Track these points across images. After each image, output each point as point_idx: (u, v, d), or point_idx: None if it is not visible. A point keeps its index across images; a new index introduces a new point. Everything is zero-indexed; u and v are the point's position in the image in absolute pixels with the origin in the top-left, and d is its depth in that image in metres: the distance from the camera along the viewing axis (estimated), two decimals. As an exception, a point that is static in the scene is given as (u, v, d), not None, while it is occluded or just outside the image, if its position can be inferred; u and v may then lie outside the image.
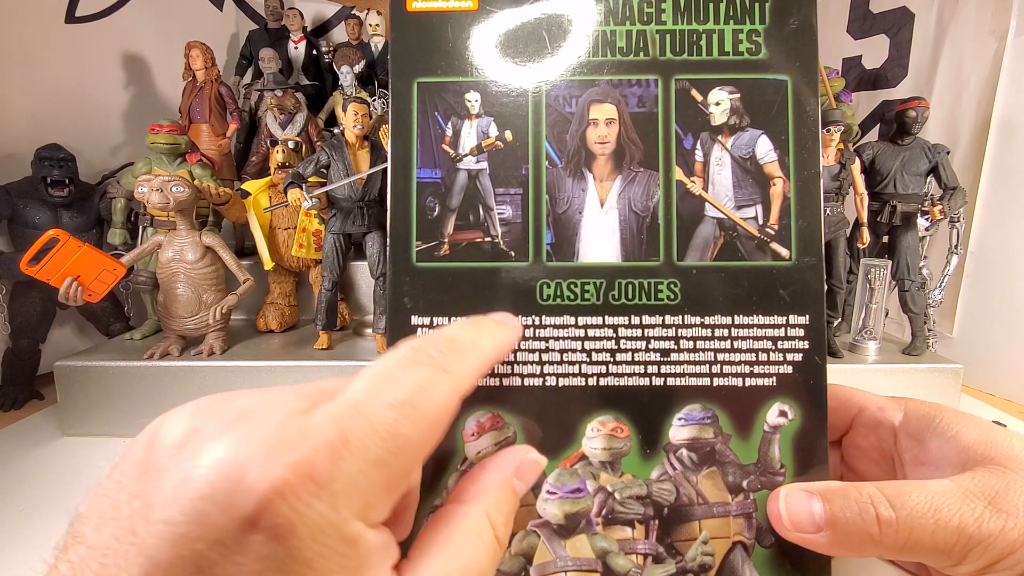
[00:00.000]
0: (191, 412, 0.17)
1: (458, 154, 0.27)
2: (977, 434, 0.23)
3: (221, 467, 0.15)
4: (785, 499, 0.23)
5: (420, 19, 0.27)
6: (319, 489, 0.15)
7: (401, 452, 0.17)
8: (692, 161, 0.27)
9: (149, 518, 0.14)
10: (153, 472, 0.15)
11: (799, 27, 0.27)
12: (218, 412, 0.16)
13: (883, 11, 1.16)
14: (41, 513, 0.55)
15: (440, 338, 0.20)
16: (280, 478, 0.15)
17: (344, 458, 0.16)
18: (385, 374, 0.18)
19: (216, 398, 0.18)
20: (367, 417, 0.16)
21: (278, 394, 0.18)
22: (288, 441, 0.15)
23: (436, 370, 0.18)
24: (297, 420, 0.16)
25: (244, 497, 0.14)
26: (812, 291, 0.26)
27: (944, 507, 0.21)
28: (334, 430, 0.16)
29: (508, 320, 0.23)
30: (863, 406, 0.27)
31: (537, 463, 0.22)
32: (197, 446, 0.15)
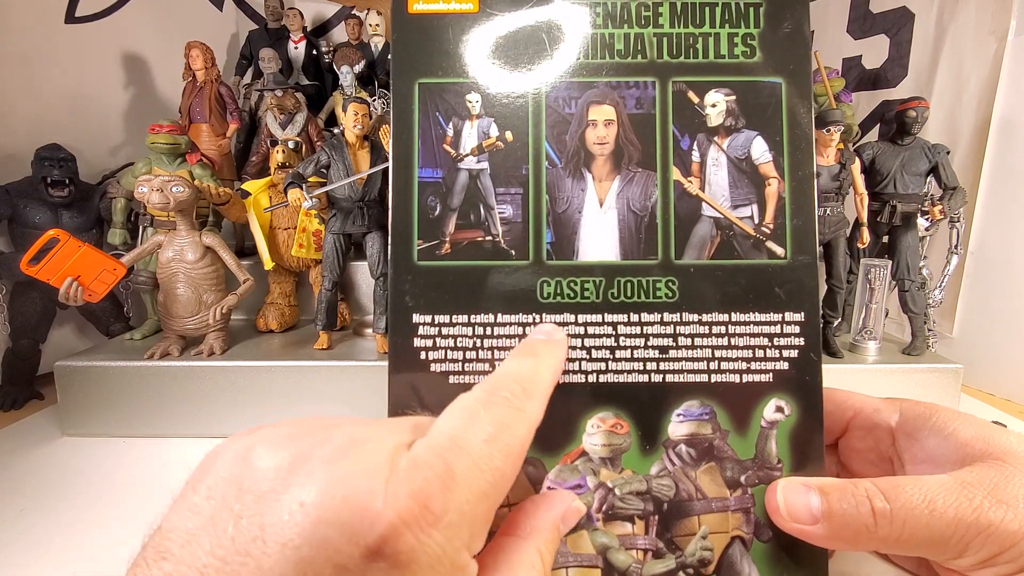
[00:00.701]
0: (289, 436, 0.17)
1: (459, 154, 0.27)
2: (974, 431, 0.23)
3: (343, 493, 0.15)
4: (783, 491, 0.23)
5: (421, 21, 0.27)
6: (436, 520, 0.16)
7: (498, 485, 0.18)
8: (689, 161, 0.27)
9: (265, 539, 0.15)
10: (259, 493, 0.15)
11: (792, 31, 0.27)
12: (324, 439, 0.17)
13: (883, 11, 1.17)
14: (41, 513, 0.55)
15: (508, 380, 0.21)
16: (405, 508, 0.15)
17: (453, 490, 0.16)
18: (471, 412, 0.19)
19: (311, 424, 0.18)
20: (467, 451, 0.17)
21: (379, 426, 0.18)
22: (404, 472, 0.16)
23: (512, 409, 0.20)
24: (404, 452, 0.17)
25: (371, 525, 0.15)
26: (807, 289, 0.26)
27: (939, 498, 0.21)
28: (441, 463, 0.17)
29: (554, 335, 0.24)
30: (858, 409, 0.28)
31: (579, 510, 0.24)
32: (310, 471, 0.16)
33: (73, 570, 0.46)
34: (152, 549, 0.15)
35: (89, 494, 0.58)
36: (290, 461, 0.16)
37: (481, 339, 0.26)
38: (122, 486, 0.60)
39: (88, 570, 0.46)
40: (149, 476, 0.62)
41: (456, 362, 0.26)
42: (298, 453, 0.16)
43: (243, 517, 0.15)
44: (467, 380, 0.26)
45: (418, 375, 0.26)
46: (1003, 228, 0.92)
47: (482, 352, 0.26)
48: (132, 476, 0.62)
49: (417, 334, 0.26)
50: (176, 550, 0.15)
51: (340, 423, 0.18)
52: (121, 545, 0.52)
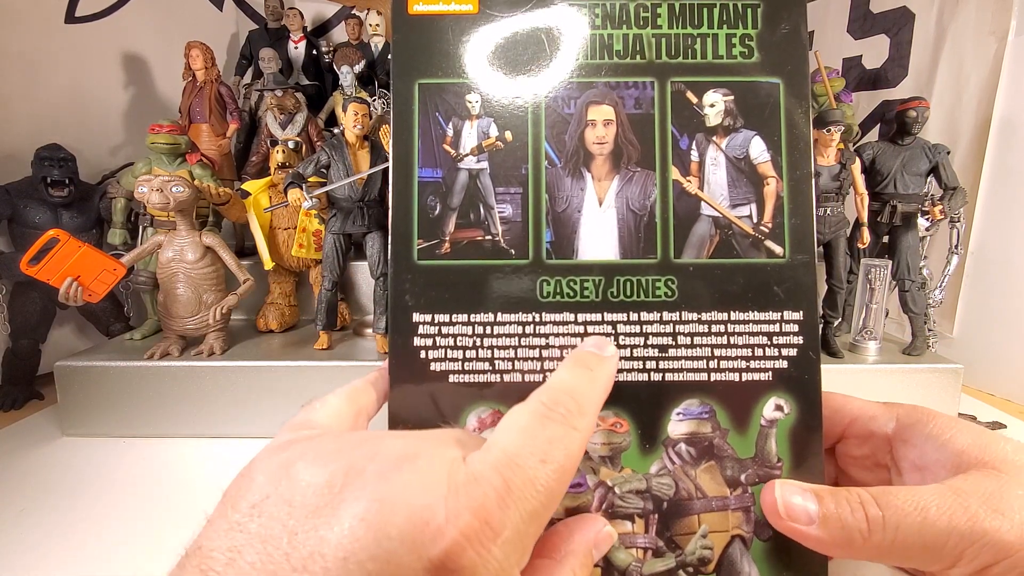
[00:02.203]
0: (332, 451, 0.17)
1: (459, 154, 0.27)
2: (970, 439, 0.23)
3: (404, 508, 0.15)
4: (780, 488, 0.23)
5: (421, 21, 0.27)
6: (495, 536, 0.16)
7: (549, 505, 0.18)
8: (688, 161, 0.27)
9: (325, 554, 0.14)
10: (312, 508, 0.15)
11: (790, 32, 0.27)
12: (374, 452, 0.17)
13: (883, 11, 1.17)
14: (41, 513, 0.55)
15: (564, 395, 0.20)
16: (467, 523, 0.15)
17: (510, 507, 0.16)
18: (528, 429, 0.19)
19: (352, 438, 0.18)
20: (524, 469, 0.17)
21: (428, 440, 0.18)
22: (463, 487, 0.16)
23: (567, 428, 0.19)
24: (462, 467, 0.17)
25: (433, 539, 0.15)
26: (805, 287, 0.26)
27: (932, 506, 0.21)
28: (500, 479, 0.17)
29: (605, 349, 0.24)
30: (855, 415, 0.28)
31: (611, 536, 0.23)
32: (365, 485, 0.16)
33: (73, 570, 0.46)
34: (194, 569, 0.15)
35: (89, 494, 0.58)
36: (343, 475, 0.16)
37: (481, 338, 0.26)
38: (122, 486, 0.60)
39: (88, 570, 0.46)
40: (149, 476, 0.62)
41: (456, 361, 0.26)
42: (349, 467, 0.16)
43: (297, 533, 0.15)
44: (467, 379, 0.26)
45: (418, 374, 0.26)
46: (1003, 228, 0.92)
47: (482, 351, 0.26)
48: (132, 476, 0.62)
49: (417, 333, 0.26)
50: (220, 568, 0.15)
51: (383, 436, 0.18)
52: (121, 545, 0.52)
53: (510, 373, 0.26)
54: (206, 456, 0.68)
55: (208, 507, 0.17)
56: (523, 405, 0.20)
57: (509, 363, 0.26)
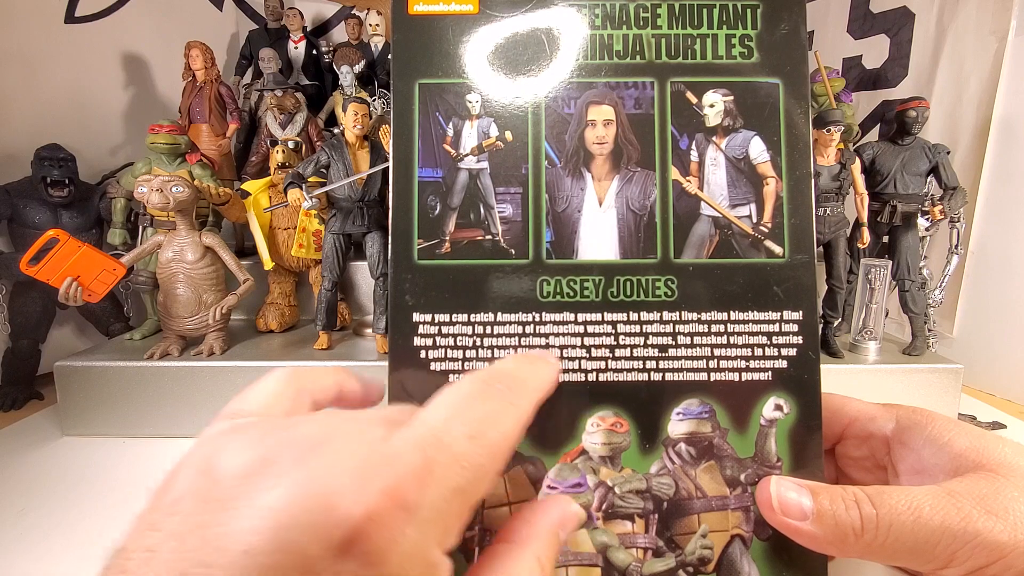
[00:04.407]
0: (253, 440, 0.17)
1: (459, 154, 0.27)
2: (968, 441, 0.23)
3: (310, 494, 0.15)
4: (776, 483, 0.23)
5: (421, 22, 0.27)
6: (409, 516, 0.15)
7: (477, 481, 0.17)
8: (688, 161, 0.27)
9: (225, 547, 0.14)
10: (221, 501, 0.15)
11: (789, 32, 0.27)
12: (290, 439, 0.16)
13: (883, 11, 1.17)
14: (41, 513, 0.55)
15: (503, 373, 0.20)
16: (375, 504, 0.15)
17: (430, 485, 0.16)
18: (458, 405, 0.18)
19: (278, 423, 0.18)
20: (448, 446, 0.17)
21: (351, 420, 0.18)
22: (376, 467, 0.15)
23: (505, 403, 0.19)
24: (380, 446, 0.16)
25: (337, 524, 0.14)
26: (805, 287, 0.26)
27: (926, 506, 0.21)
28: (419, 457, 0.16)
29: (548, 357, 0.24)
30: (854, 417, 0.28)
31: (577, 515, 0.23)
32: (276, 473, 0.15)
33: (73, 570, 0.46)
34: (114, 569, 0.15)
35: (89, 494, 0.58)
36: (257, 466, 0.15)
37: (481, 338, 0.26)
38: (122, 486, 0.60)
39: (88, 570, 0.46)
40: (149, 476, 0.62)
41: (456, 361, 0.26)
42: (264, 456, 0.16)
43: (206, 527, 0.14)
44: None
45: (418, 374, 0.26)
46: (1003, 228, 0.92)
47: (482, 351, 0.26)
48: (132, 476, 0.62)
49: (417, 333, 0.26)
50: (136, 568, 0.15)
51: (310, 419, 0.18)
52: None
53: (510, 373, 0.26)
54: (206, 456, 0.68)
55: None
56: (457, 382, 0.19)
57: None
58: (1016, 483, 0.21)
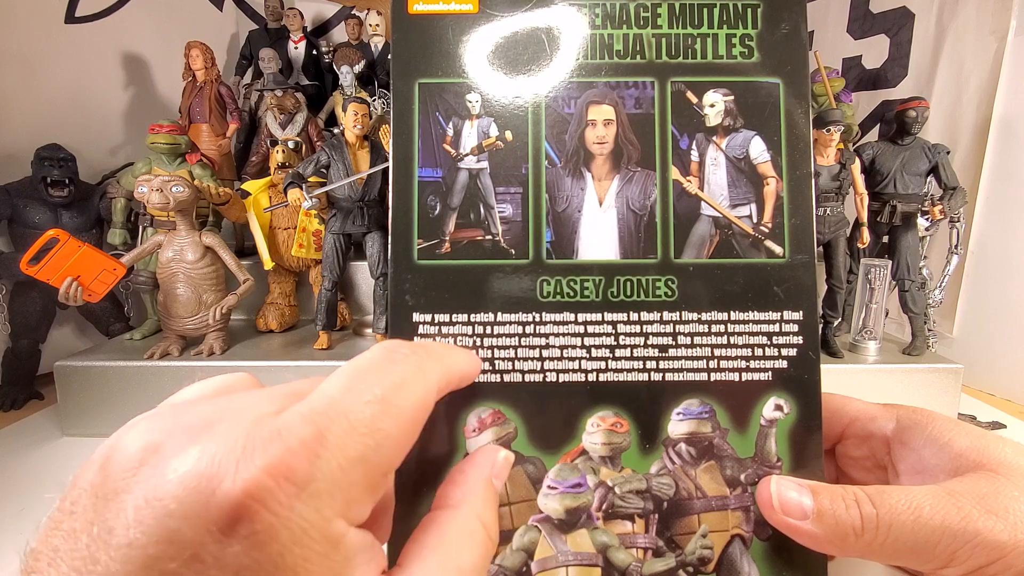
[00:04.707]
0: (144, 428, 0.16)
1: (459, 153, 0.27)
2: (969, 441, 0.23)
3: (188, 479, 0.14)
4: (776, 483, 0.23)
5: (421, 21, 0.27)
6: (298, 490, 0.15)
7: (381, 448, 0.16)
8: (688, 161, 0.27)
9: (110, 543, 0.14)
10: (111, 496, 0.14)
11: (790, 32, 0.27)
12: (178, 424, 0.16)
13: (883, 11, 1.17)
14: (41, 513, 0.55)
15: (413, 345, 0.20)
16: (255, 482, 0.14)
17: (322, 456, 0.15)
18: (359, 372, 0.18)
19: (174, 409, 0.17)
20: (344, 414, 0.16)
21: (243, 399, 0.17)
22: (260, 444, 0.15)
23: (411, 368, 0.18)
24: (267, 422, 0.16)
25: (217, 507, 0.14)
26: (805, 287, 0.26)
27: (926, 505, 0.21)
28: (309, 429, 0.15)
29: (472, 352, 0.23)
30: (854, 416, 0.28)
31: (508, 460, 0.23)
32: (159, 462, 0.15)
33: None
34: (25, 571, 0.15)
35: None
36: (140, 456, 0.15)
37: (481, 338, 0.26)
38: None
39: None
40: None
41: None
42: (149, 445, 0.15)
43: (95, 524, 0.14)
44: None
45: None
46: (1003, 228, 0.92)
47: (482, 351, 0.26)
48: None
49: (417, 333, 0.26)
50: (44, 569, 0.14)
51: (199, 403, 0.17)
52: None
53: (510, 373, 0.26)
54: (206, 456, 0.68)
55: None
56: (366, 351, 0.19)
57: (509, 363, 0.26)
58: (1016, 483, 0.21)
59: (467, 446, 0.25)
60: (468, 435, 0.25)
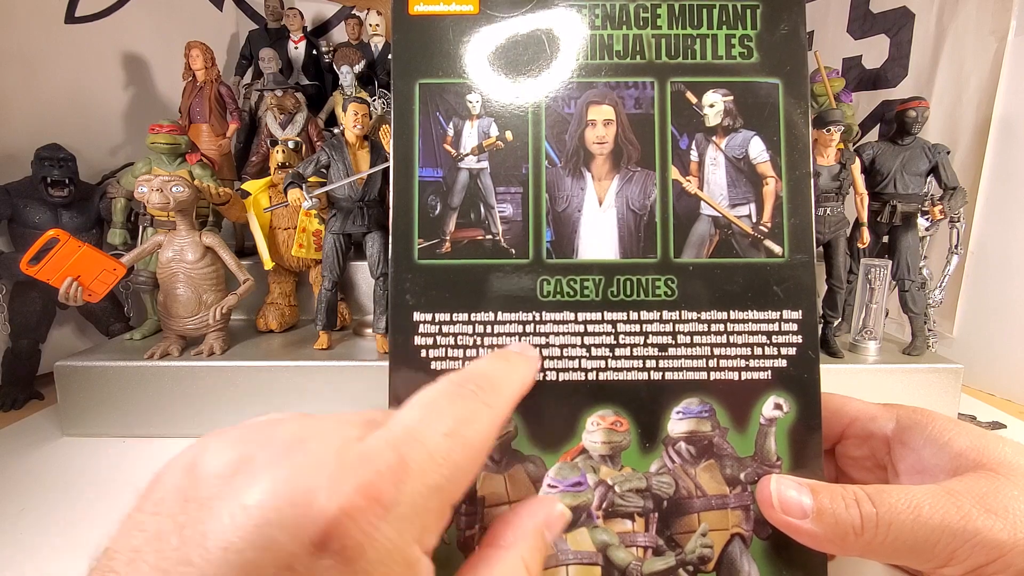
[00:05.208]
0: (235, 440, 0.17)
1: (459, 153, 0.27)
2: (969, 441, 0.23)
3: (287, 492, 0.15)
4: (776, 482, 0.23)
5: (422, 22, 0.27)
6: (385, 512, 0.15)
7: (454, 479, 0.17)
8: (687, 161, 0.27)
9: (205, 546, 0.14)
10: (202, 500, 0.15)
11: (789, 32, 0.27)
12: (268, 439, 0.17)
13: (883, 11, 1.17)
14: (41, 513, 0.55)
15: (477, 374, 0.20)
16: (349, 501, 0.15)
17: (405, 482, 0.16)
18: (432, 404, 0.18)
19: (259, 425, 0.18)
20: (424, 444, 0.17)
21: (328, 421, 0.18)
22: (351, 465, 0.16)
23: (479, 403, 0.19)
24: (354, 445, 0.16)
25: (313, 521, 0.14)
26: (804, 287, 0.26)
27: (925, 505, 0.21)
28: (393, 455, 0.16)
29: (527, 351, 0.24)
30: (854, 416, 0.28)
31: (564, 515, 0.23)
32: (254, 472, 0.15)
33: (73, 569, 0.46)
34: (100, 571, 0.15)
35: (89, 494, 0.58)
36: (235, 464, 0.16)
37: (481, 337, 0.26)
38: (122, 486, 0.60)
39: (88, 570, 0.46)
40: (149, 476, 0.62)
41: (456, 360, 0.26)
42: (242, 456, 0.16)
43: (186, 527, 0.15)
44: None
45: (419, 373, 0.26)
46: (1003, 228, 0.92)
47: (482, 350, 0.26)
48: (132, 476, 0.62)
49: (418, 332, 0.26)
50: (122, 568, 0.15)
51: (288, 420, 0.18)
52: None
53: (510, 372, 0.26)
54: (206, 456, 0.68)
55: None
56: (432, 384, 0.20)
57: None
58: (1016, 482, 0.21)
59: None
60: (468, 434, 0.25)
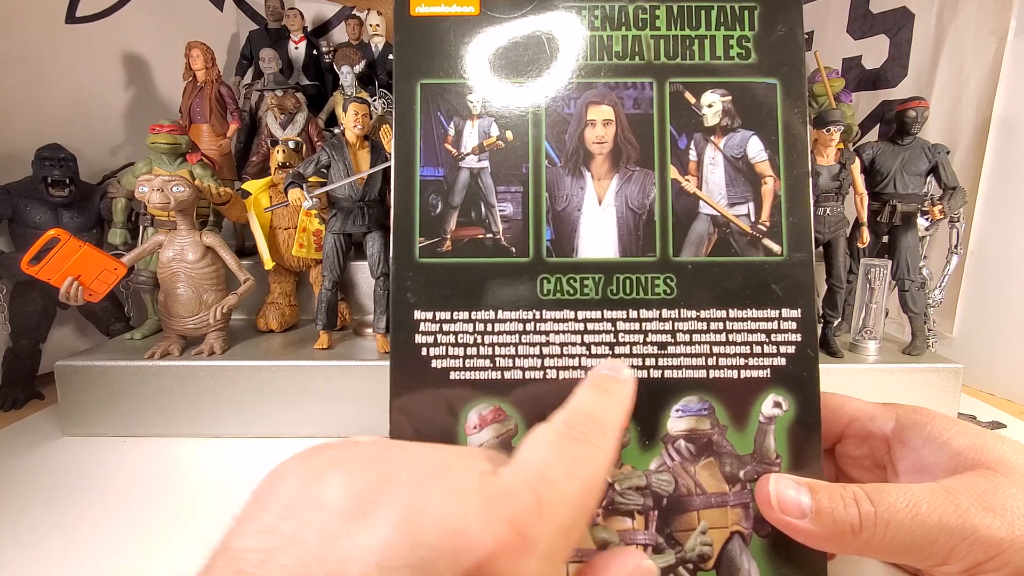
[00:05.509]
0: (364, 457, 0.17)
1: (460, 153, 0.27)
2: (968, 439, 0.24)
3: (439, 517, 0.15)
4: (774, 483, 0.24)
5: (423, 23, 0.28)
6: (529, 548, 0.16)
7: (579, 520, 0.18)
8: (686, 160, 0.28)
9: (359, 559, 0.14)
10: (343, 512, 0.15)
11: (786, 33, 0.28)
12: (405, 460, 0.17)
13: (883, 11, 1.17)
14: (41, 513, 0.55)
15: (583, 416, 0.21)
16: (502, 535, 0.15)
17: (543, 520, 0.16)
18: (555, 446, 0.19)
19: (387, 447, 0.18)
20: (555, 484, 0.17)
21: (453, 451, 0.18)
22: (495, 498, 0.16)
23: (591, 447, 0.20)
24: (493, 479, 0.17)
25: (467, 549, 0.15)
26: (803, 285, 0.27)
27: (923, 503, 0.21)
28: (531, 493, 0.17)
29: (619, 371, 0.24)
30: (854, 416, 0.28)
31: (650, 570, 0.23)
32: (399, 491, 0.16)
33: (73, 569, 0.46)
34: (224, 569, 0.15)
35: (89, 494, 0.58)
36: (376, 482, 0.16)
37: (482, 335, 0.26)
38: (122, 486, 0.60)
39: (88, 569, 0.46)
40: (149, 476, 0.62)
41: (457, 358, 0.26)
42: (382, 474, 0.16)
43: (329, 536, 0.15)
44: (468, 376, 0.26)
45: (419, 371, 0.26)
46: (1003, 228, 0.92)
47: (483, 348, 0.26)
48: (132, 476, 0.62)
49: (419, 330, 0.26)
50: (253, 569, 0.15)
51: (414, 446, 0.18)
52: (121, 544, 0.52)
53: (511, 370, 0.26)
54: (206, 456, 0.68)
55: (211, 506, 0.17)
56: (546, 425, 0.20)
57: (510, 360, 0.26)
58: (1014, 480, 0.21)
59: (468, 442, 0.25)
60: (469, 432, 0.26)
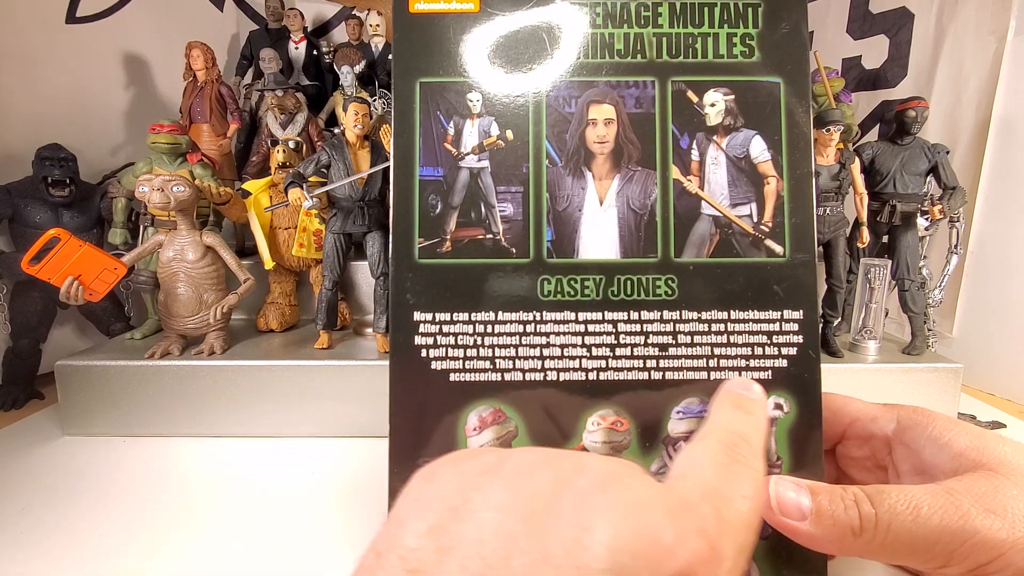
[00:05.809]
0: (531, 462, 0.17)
1: (460, 152, 0.27)
2: (969, 441, 0.23)
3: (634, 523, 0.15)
4: (774, 485, 0.23)
5: (422, 20, 0.27)
6: (720, 562, 0.16)
7: (753, 541, 0.18)
8: (688, 160, 0.27)
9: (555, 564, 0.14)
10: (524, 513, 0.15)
11: (790, 31, 0.27)
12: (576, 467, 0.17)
13: (883, 11, 1.17)
14: (41, 513, 0.55)
15: (738, 438, 0.21)
16: (697, 546, 0.15)
17: (727, 536, 0.16)
18: (723, 466, 0.19)
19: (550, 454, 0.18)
20: (731, 503, 0.17)
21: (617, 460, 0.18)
22: (680, 510, 0.16)
23: (749, 469, 0.20)
24: (668, 491, 0.17)
25: (666, 559, 0.15)
26: (805, 287, 0.26)
27: (924, 505, 0.21)
28: (711, 508, 0.17)
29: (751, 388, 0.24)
30: (855, 417, 0.28)
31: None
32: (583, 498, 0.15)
33: (73, 569, 0.46)
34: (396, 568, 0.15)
35: (90, 494, 0.58)
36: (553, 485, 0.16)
37: (482, 337, 0.26)
38: (122, 486, 0.60)
39: (88, 569, 0.46)
40: (149, 476, 0.62)
41: (457, 360, 0.26)
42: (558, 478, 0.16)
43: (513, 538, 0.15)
44: (468, 378, 0.26)
45: (419, 372, 0.26)
46: (1003, 228, 0.92)
47: (483, 350, 0.26)
48: (132, 476, 0.62)
49: (418, 332, 0.26)
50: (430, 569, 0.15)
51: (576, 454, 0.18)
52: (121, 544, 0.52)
53: (511, 372, 0.26)
54: (206, 455, 0.68)
55: (211, 506, 0.16)
56: (702, 443, 0.20)
57: (510, 362, 0.26)
58: (1015, 482, 0.21)
59: (468, 445, 0.25)
60: (469, 434, 0.25)
